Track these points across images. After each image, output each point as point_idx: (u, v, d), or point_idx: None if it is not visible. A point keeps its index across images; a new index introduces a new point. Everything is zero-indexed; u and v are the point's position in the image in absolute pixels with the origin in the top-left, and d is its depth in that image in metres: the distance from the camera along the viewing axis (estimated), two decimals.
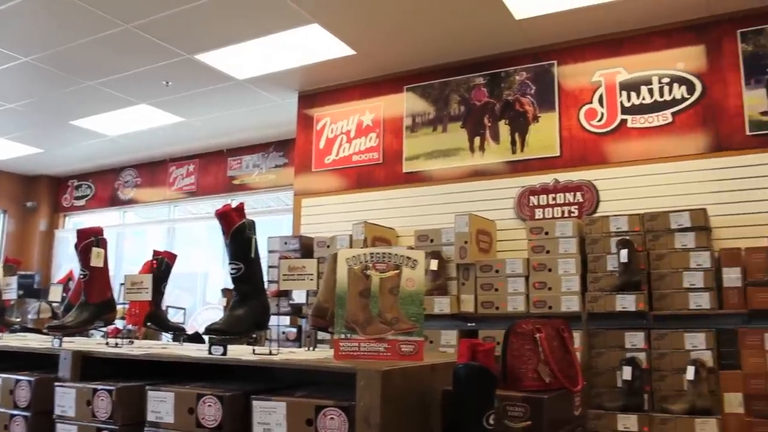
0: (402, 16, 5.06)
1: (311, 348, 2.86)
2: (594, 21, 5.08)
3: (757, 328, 4.13)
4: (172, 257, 3.49)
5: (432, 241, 5.12)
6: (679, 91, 5.00)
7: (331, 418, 1.84)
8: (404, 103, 6.03)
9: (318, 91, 6.52)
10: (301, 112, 6.65)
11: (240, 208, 2.48)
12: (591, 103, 5.25)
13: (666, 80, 5.06)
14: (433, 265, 4.91)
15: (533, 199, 5.28)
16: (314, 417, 1.85)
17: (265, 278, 3.26)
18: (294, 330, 5.69)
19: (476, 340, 1.98)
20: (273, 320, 2.71)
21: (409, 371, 1.99)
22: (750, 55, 4.87)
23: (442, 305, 4.86)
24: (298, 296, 5.33)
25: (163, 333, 3.63)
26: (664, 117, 5.01)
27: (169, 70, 6.07)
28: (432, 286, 4.91)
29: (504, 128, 5.54)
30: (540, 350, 2.20)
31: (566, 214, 5.13)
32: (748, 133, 4.76)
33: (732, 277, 4.22)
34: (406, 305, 2.10)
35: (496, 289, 4.80)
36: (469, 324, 4.99)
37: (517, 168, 5.43)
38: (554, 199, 5.22)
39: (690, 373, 4.05)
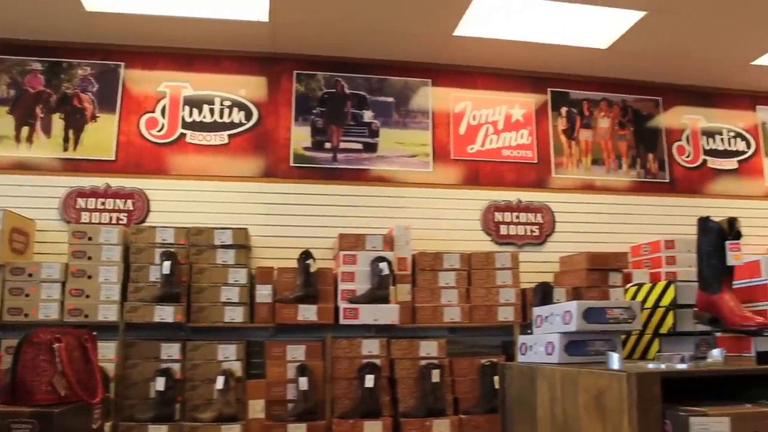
0: None
1: None
2: (167, 32, 5.09)
3: (282, 341, 4.55)
4: None
5: None
6: (237, 116, 5.29)
7: None
8: None
9: None
10: None
11: None
12: (153, 112, 5.22)
13: (228, 103, 5.30)
14: None
15: (81, 202, 5.01)
16: None
17: None
18: None
19: None
20: None
21: None
22: (302, 95, 5.40)
23: None
24: None
25: None
26: (221, 137, 5.24)
27: None
28: None
29: (58, 122, 5.16)
30: (57, 361, 2.09)
31: (114, 221, 4.98)
32: (292, 164, 5.28)
33: (264, 293, 4.58)
34: None
35: (27, 295, 4.40)
36: None
37: (67, 167, 5.10)
38: (104, 204, 5.02)
39: (220, 382, 4.25)
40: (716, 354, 2.15)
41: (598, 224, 5.67)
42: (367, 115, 5.48)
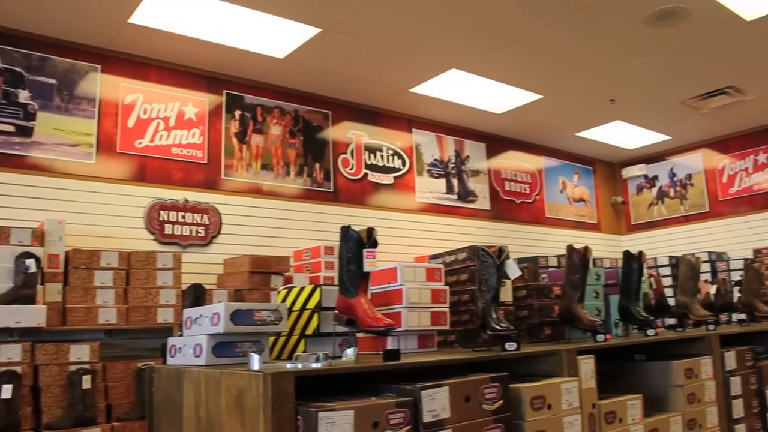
0: None
1: None
2: None
3: None
4: None
5: None
6: None
7: None
8: None
9: None
10: None
11: None
12: None
13: None
14: None
15: None
16: None
17: None
18: None
19: None
20: None
21: None
22: None
23: None
24: None
25: None
26: None
27: None
28: None
29: None
30: None
31: None
32: None
33: None
34: None
35: None
36: None
37: None
38: None
39: None
40: (350, 353, 2.32)
41: (265, 228, 5.83)
42: (23, 95, 4.96)
